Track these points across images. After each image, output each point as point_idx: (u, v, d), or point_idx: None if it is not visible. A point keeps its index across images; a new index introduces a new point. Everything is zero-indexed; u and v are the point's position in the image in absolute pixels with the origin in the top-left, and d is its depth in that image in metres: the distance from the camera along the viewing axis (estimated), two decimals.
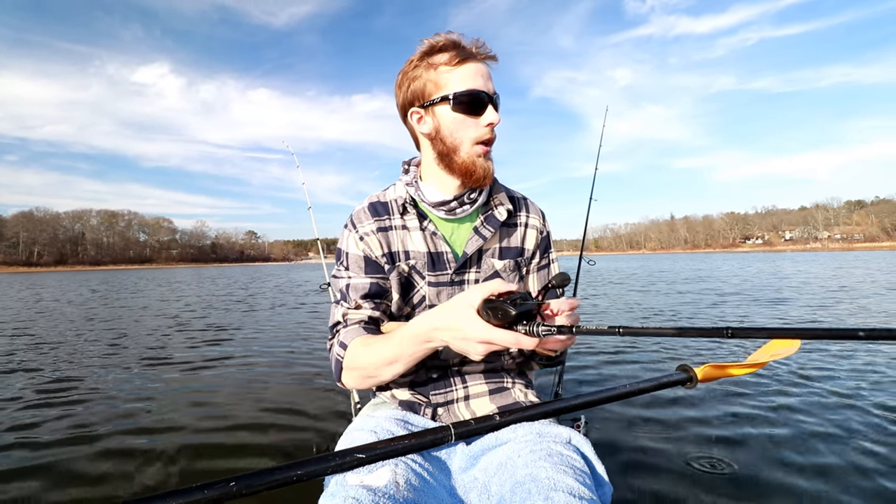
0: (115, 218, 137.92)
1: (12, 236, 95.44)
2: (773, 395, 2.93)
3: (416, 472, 0.74)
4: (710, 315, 6.50)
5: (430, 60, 0.94)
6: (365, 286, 0.97)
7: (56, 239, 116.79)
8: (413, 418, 0.94)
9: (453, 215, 1.01)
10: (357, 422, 0.93)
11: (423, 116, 0.97)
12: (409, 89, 0.97)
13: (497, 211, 1.03)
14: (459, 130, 0.94)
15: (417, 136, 1.02)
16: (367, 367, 0.87)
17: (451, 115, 0.93)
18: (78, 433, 2.46)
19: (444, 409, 0.98)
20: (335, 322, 0.98)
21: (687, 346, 4.34)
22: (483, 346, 0.69)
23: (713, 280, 13.41)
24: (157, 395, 3.16)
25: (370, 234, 1.00)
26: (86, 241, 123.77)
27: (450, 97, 0.92)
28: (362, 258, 0.99)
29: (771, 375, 3.25)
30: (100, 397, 3.12)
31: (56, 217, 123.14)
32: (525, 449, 0.78)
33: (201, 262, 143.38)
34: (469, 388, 1.00)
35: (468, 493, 0.78)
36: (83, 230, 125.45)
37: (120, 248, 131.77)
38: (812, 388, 3.03)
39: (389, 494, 0.65)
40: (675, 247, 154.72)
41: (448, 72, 0.93)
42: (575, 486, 0.68)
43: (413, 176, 1.04)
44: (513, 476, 0.73)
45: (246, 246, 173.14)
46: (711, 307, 7.39)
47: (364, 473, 0.69)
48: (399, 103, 1.01)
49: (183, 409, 2.85)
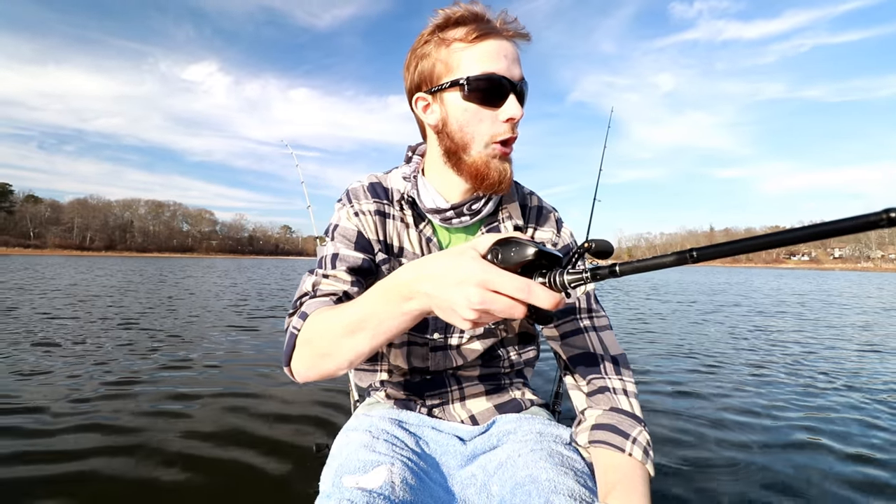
0: (161, 208, 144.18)
1: (68, 221, 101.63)
2: (772, 396, 2.81)
3: (413, 471, 0.72)
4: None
5: (443, 35, 0.76)
6: (355, 260, 0.82)
7: (107, 225, 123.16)
8: (409, 417, 0.90)
9: (449, 225, 0.87)
10: (352, 421, 0.90)
11: (429, 104, 0.80)
12: (417, 70, 0.80)
13: (503, 226, 0.89)
14: (471, 124, 0.76)
15: (426, 129, 0.86)
16: (323, 337, 0.65)
17: (463, 104, 0.75)
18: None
19: (440, 408, 0.93)
20: (302, 293, 0.79)
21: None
22: (478, 293, 0.47)
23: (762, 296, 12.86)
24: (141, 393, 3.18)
25: (368, 213, 0.86)
26: (133, 228, 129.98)
27: (462, 82, 0.74)
28: (355, 232, 0.85)
29: (775, 381, 3.15)
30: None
31: (107, 205, 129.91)
32: (525, 448, 0.76)
33: (238, 254, 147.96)
34: (465, 389, 0.93)
35: (466, 491, 0.76)
36: (132, 218, 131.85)
37: (164, 237, 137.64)
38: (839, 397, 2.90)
39: (385, 495, 0.63)
40: (714, 260, 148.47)
41: (463, 49, 0.74)
42: (576, 488, 0.66)
43: (414, 169, 0.90)
44: (513, 476, 0.72)
45: (281, 240, 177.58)
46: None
47: (359, 474, 0.68)
48: (406, 87, 0.84)
49: (174, 404, 2.82)
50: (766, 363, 4.22)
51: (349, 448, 0.76)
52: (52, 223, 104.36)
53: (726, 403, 2.99)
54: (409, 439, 0.82)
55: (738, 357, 4.46)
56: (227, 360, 4.02)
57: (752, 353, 4.66)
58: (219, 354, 4.24)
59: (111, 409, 2.67)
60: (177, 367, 3.70)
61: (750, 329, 6.42)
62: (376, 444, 0.76)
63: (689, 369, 3.91)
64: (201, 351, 4.34)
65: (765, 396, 3.16)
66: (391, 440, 0.79)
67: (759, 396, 3.16)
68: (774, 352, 4.77)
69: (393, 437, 0.80)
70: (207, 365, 3.84)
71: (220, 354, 4.24)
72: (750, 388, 3.35)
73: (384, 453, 0.73)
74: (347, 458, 0.73)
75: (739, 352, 4.74)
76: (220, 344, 4.72)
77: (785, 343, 5.32)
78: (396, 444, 0.78)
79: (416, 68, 0.80)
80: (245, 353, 4.33)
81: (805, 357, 4.54)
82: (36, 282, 12.09)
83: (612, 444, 0.70)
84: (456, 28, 0.75)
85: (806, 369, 4.00)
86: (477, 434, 0.87)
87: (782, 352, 4.78)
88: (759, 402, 3.02)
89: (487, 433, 0.86)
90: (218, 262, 50.28)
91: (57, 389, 2.98)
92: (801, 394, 3.25)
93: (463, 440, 0.86)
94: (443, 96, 0.78)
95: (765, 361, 4.29)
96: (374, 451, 0.73)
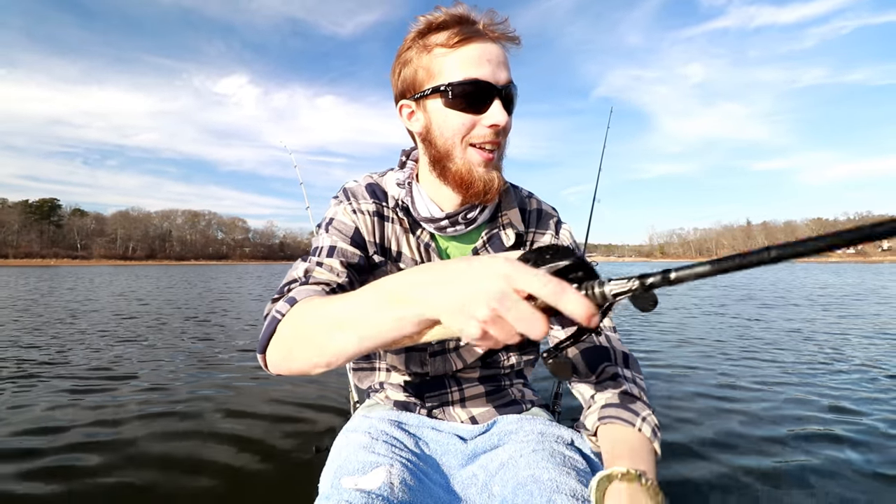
0: (197, 217, 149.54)
1: (111, 232, 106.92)
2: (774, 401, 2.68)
3: (412, 472, 0.72)
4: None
5: (426, 41, 0.73)
6: (352, 255, 0.79)
7: (147, 236, 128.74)
8: (409, 418, 0.89)
9: (444, 234, 0.85)
10: (352, 423, 0.90)
11: (414, 111, 0.79)
12: (400, 77, 0.78)
13: (504, 233, 0.86)
14: (453, 131, 0.74)
15: (414, 136, 0.84)
16: (309, 327, 0.58)
17: (445, 111, 0.73)
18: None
19: (440, 409, 0.92)
20: (291, 280, 0.74)
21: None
22: (498, 287, 0.39)
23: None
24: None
25: (366, 213, 0.84)
26: (172, 238, 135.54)
27: (443, 88, 0.71)
28: (353, 228, 0.82)
29: (779, 390, 2.96)
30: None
31: (147, 216, 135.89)
32: (527, 448, 0.76)
33: (270, 260, 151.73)
34: (465, 390, 0.92)
35: (467, 490, 0.75)
36: (170, 228, 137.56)
37: (201, 245, 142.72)
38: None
39: (383, 496, 0.63)
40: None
41: (444, 55, 0.72)
42: (578, 488, 0.66)
43: (408, 175, 0.87)
44: (515, 476, 0.71)
45: (309, 245, 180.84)
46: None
47: (358, 475, 0.67)
48: (394, 94, 0.82)
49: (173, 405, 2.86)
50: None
51: (348, 449, 0.76)
52: (97, 235, 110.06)
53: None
54: (409, 440, 0.82)
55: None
56: (226, 359, 4.08)
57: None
58: (222, 355, 4.31)
59: (111, 409, 2.74)
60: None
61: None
62: (375, 446, 0.76)
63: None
64: (205, 351, 4.45)
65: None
66: (390, 441, 0.79)
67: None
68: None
69: (392, 439, 0.80)
70: (207, 364, 3.90)
71: (222, 355, 4.31)
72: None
73: (383, 454, 0.73)
74: (346, 459, 0.73)
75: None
76: (225, 341, 4.83)
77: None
78: (396, 446, 0.78)
79: (399, 75, 0.78)
80: (249, 354, 4.41)
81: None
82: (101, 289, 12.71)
83: (622, 419, 0.69)
84: (438, 33, 0.72)
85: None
86: (478, 433, 0.87)
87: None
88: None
89: (488, 433, 0.86)
90: (251, 269, 51.71)
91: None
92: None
93: (464, 439, 0.86)
94: (425, 103, 0.76)
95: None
96: (373, 453, 0.74)
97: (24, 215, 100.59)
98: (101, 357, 4.24)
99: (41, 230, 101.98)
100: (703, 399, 3.02)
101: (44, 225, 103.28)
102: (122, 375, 3.59)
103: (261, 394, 3.12)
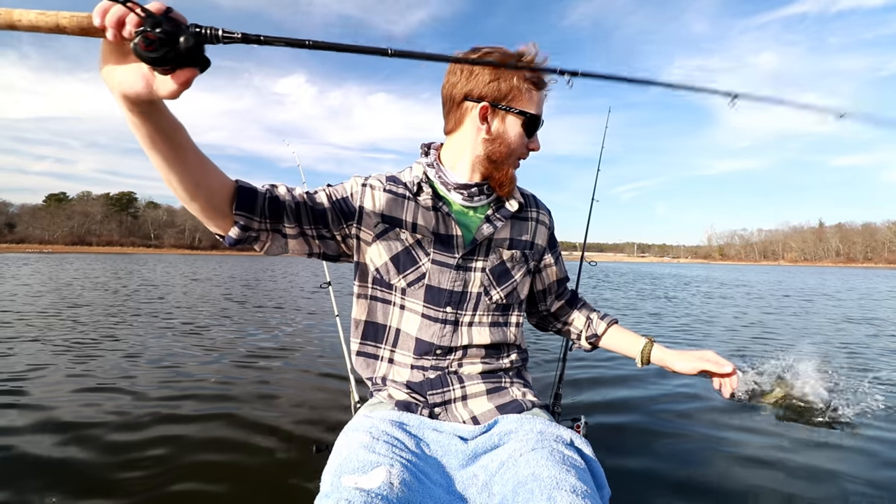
0: None
1: (181, 224, 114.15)
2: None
3: (412, 471, 0.73)
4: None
5: (522, 72, 0.94)
6: (319, 203, 0.96)
7: None
8: (410, 418, 0.91)
9: (469, 201, 1.02)
10: (354, 422, 0.92)
11: (489, 114, 0.96)
12: (491, 84, 0.94)
13: (508, 203, 1.05)
14: (517, 145, 0.98)
15: (465, 125, 1.00)
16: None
17: (518, 129, 0.97)
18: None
19: (442, 408, 0.95)
20: (277, 185, 0.96)
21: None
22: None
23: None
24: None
25: (377, 188, 1.00)
26: None
27: (528, 115, 0.96)
28: (347, 194, 0.99)
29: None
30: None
31: None
32: (527, 448, 0.78)
33: None
34: (466, 388, 0.97)
35: (467, 490, 0.77)
36: None
37: None
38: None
39: (383, 495, 0.64)
40: (824, 259, 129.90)
41: (530, 90, 0.96)
42: (578, 484, 0.68)
43: (433, 158, 1.04)
44: (515, 475, 0.73)
45: None
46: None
47: (358, 474, 0.69)
48: (464, 86, 0.96)
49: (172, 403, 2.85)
50: None
51: (349, 448, 0.78)
52: (168, 226, 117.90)
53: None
54: (410, 440, 0.84)
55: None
56: (226, 359, 4.11)
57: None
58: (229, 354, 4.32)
59: (110, 408, 2.75)
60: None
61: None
62: (376, 445, 0.78)
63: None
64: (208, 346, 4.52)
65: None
66: (391, 441, 0.81)
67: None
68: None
69: (393, 438, 0.83)
70: (207, 361, 3.96)
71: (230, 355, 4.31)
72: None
73: (384, 454, 0.75)
74: (347, 458, 0.75)
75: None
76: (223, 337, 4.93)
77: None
78: (396, 445, 0.81)
79: (491, 81, 0.94)
80: (249, 350, 4.46)
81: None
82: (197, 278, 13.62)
83: (615, 320, 1.19)
84: (528, 68, 0.85)
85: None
86: (478, 434, 0.89)
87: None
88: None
89: (489, 433, 0.88)
90: (305, 259, 53.19)
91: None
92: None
93: (464, 439, 0.88)
94: (506, 116, 0.97)
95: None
96: (374, 452, 0.76)
97: (106, 207, 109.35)
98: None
99: (120, 220, 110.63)
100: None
101: (122, 216, 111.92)
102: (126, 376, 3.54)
103: (261, 393, 3.13)
